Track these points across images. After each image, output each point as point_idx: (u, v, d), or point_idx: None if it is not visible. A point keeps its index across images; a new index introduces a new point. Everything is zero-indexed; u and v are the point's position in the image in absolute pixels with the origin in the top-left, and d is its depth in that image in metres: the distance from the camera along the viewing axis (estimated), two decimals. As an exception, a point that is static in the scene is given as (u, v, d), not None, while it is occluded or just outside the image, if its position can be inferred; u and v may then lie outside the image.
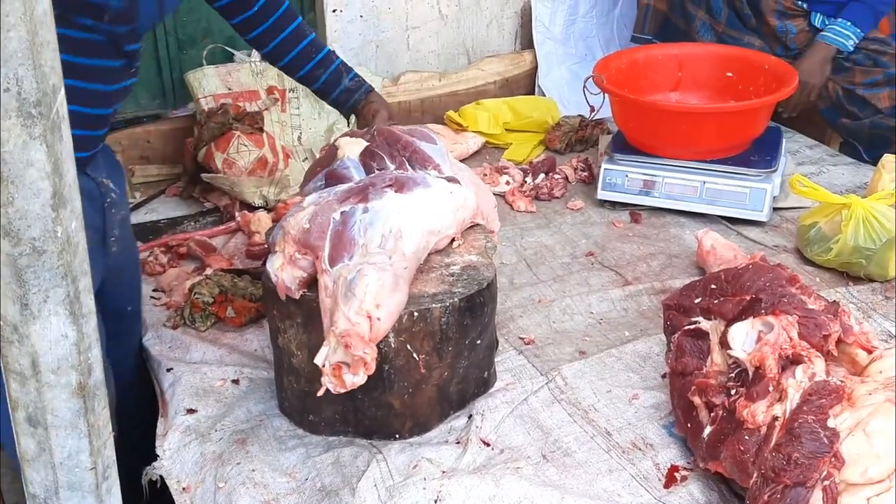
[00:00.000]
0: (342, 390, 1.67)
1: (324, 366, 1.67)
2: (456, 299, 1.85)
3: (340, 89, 2.40)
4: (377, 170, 2.05)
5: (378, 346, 1.75)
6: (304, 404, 1.94)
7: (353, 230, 1.81)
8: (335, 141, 2.17)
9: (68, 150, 1.02)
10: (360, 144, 2.12)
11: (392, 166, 2.06)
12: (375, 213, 1.83)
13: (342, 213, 1.84)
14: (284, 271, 1.83)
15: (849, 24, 3.29)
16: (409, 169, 2.06)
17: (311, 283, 1.84)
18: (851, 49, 3.29)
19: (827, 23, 3.35)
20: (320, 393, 1.69)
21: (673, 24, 3.60)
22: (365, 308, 1.70)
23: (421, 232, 1.89)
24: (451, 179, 2.03)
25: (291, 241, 1.83)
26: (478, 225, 2.11)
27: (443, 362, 1.88)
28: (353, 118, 2.49)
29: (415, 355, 1.83)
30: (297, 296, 1.82)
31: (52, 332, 1.06)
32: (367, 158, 2.09)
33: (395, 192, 1.89)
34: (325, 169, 2.09)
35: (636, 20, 3.70)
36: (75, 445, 1.14)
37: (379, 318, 1.72)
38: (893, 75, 3.20)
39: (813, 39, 3.34)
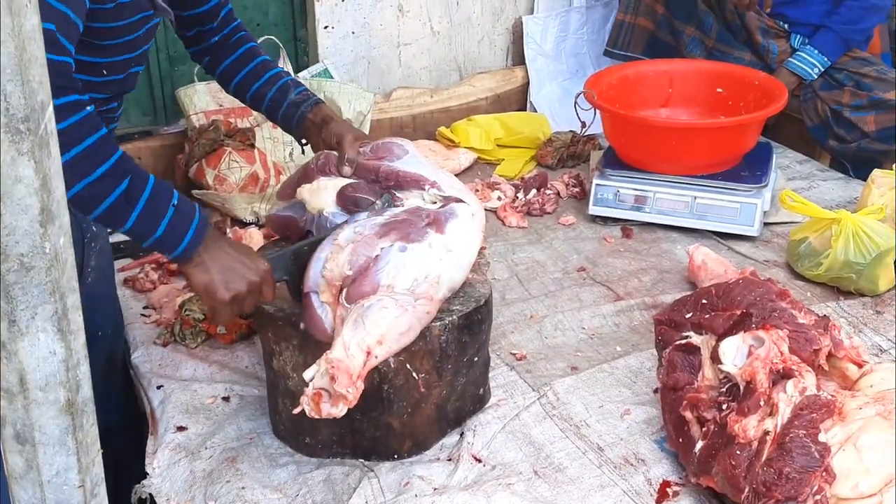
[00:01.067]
0: (316, 416, 1.62)
1: (308, 385, 1.63)
2: (455, 317, 1.84)
3: (287, 104, 2.15)
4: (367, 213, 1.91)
5: (377, 366, 1.73)
6: (300, 427, 1.92)
7: (381, 272, 1.73)
8: (298, 190, 1.99)
9: (56, 166, 1.01)
10: (329, 192, 1.94)
11: (379, 203, 1.94)
12: (414, 257, 1.76)
13: (381, 249, 1.75)
14: (337, 328, 1.74)
15: (815, 52, 3.33)
16: (399, 196, 1.95)
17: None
18: (815, 77, 3.32)
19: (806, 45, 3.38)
20: (296, 411, 1.64)
21: (660, 41, 3.62)
22: (367, 342, 1.66)
23: (460, 275, 1.85)
24: (454, 199, 1.95)
25: (336, 290, 1.75)
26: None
27: (442, 381, 1.87)
28: (305, 147, 2.22)
29: (414, 374, 1.82)
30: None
31: (40, 348, 1.05)
32: (350, 204, 1.93)
33: (436, 231, 1.81)
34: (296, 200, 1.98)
35: (610, 34, 3.73)
36: (63, 463, 1.13)
37: (376, 356, 1.68)
38: (878, 100, 3.21)
39: None
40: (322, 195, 1.95)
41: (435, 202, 1.95)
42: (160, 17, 1.91)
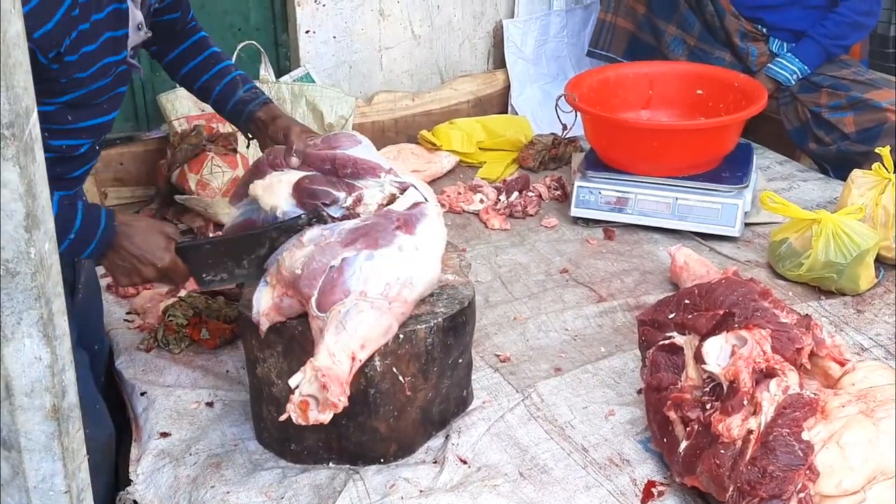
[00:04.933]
0: (303, 423, 1.62)
1: (293, 392, 1.62)
2: (440, 319, 1.84)
3: (234, 101, 2.13)
4: (325, 206, 1.88)
5: (363, 369, 1.73)
6: (286, 434, 1.91)
7: (349, 280, 1.71)
8: (251, 188, 1.96)
9: (41, 172, 1.01)
10: (283, 186, 1.91)
11: (341, 194, 1.90)
12: (384, 262, 1.74)
13: (342, 259, 1.73)
14: (269, 315, 1.78)
15: (796, 59, 3.35)
16: (358, 189, 1.91)
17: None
18: (793, 83, 3.35)
19: (785, 49, 3.41)
20: (282, 418, 1.64)
21: (641, 42, 3.64)
22: (350, 347, 1.66)
23: (432, 274, 1.85)
24: (409, 186, 1.95)
25: (282, 281, 1.76)
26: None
27: (427, 383, 1.88)
28: (252, 143, 2.23)
29: (400, 378, 1.81)
30: (262, 334, 1.80)
31: (26, 354, 1.05)
32: (306, 197, 1.89)
33: (405, 233, 1.80)
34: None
35: (593, 34, 3.74)
36: (49, 469, 1.13)
37: (360, 360, 1.68)
38: (857, 99, 3.23)
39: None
40: (276, 191, 1.92)
41: (394, 191, 1.93)
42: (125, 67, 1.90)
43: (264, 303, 1.78)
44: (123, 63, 1.86)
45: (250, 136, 2.18)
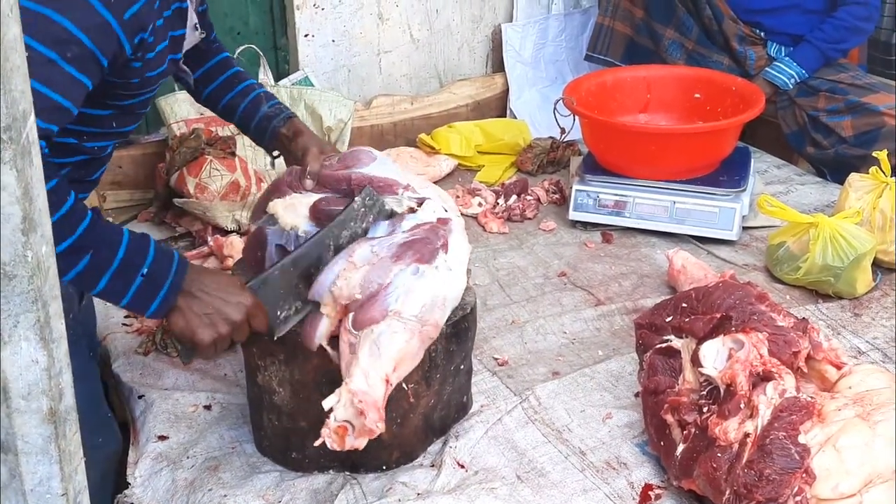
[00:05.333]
0: (339, 449, 1.58)
1: (328, 416, 1.58)
2: (443, 326, 1.84)
3: (259, 117, 2.12)
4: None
5: None
6: (287, 442, 1.90)
7: (389, 297, 1.68)
8: (269, 207, 1.91)
9: (38, 175, 1.01)
10: (303, 207, 1.89)
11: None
12: (426, 280, 1.72)
13: (394, 274, 1.70)
14: (326, 338, 1.72)
15: (794, 63, 3.36)
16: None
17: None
18: (791, 87, 3.36)
19: (783, 53, 3.41)
20: (317, 443, 1.59)
21: (639, 46, 3.64)
22: (385, 370, 1.62)
23: (459, 293, 1.83)
24: (421, 200, 1.93)
25: (342, 310, 1.70)
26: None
27: (430, 390, 1.87)
28: (275, 160, 2.22)
29: (404, 385, 1.79)
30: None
31: (23, 357, 1.05)
32: (325, 219, 1.85)
33: (444, 252, 1.78)
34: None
35: (591, 38, 3.75)
36: (46, 472, 1.12)
37: (391, 384, 1.65)
38: (854, 103, 3.24)
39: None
40: (295, 211, 1.89)
41: (412, 207, 1.91)
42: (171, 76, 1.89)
43: (323, 330, 1.71)
44: (176, 68, 1.85)
45: (275, 153, 2.16)
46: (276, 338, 1.75)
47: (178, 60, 1.86)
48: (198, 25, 1.88)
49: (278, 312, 1.73)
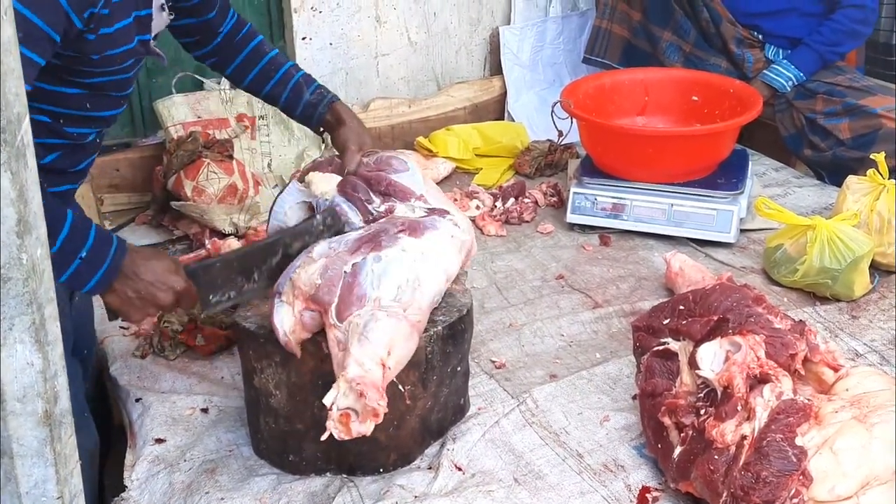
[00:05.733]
0: (346, 437, 1.60)
1: (331, 408, 1.59)
2: (439, 327, 1.84)
3: (303, 105, 2.18)
4: (364, 202, 1.96)
5: None
6: (284, 445, 1.90)
7: (364, 282, 1.73)
8: (308, 175, 2.05)
9: (33, 177, 1.01)
10: (334, 179, 2.02)
11: (377, 200, 1.97)
12: (389, 262, 1.75)
13: (353, 264, 1.75)
14: (295, 332, 1.75)
15: (792, 66, 3.36)
16: (392, 201, 1.97)
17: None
18: (789, 90, 3.36)
19: (781, 56, 3.42)
20: (323, 438, 1.60)
21: (637, 49, 3.65)
22: (378, 354, 1.65)
23: (437, 281, 1.83)
24: (439, 211, 1.97)
25: (301, 296, 1.75)
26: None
27: (427, 392, 1.87)
28: (327, 139, 2.30)
29: (400, 387, 1.80)
30: (298, 354, 1.77)
31: (18, 360, 1.05)
32: (351, 190, 1.98)
33: (409, 236, 1.82)
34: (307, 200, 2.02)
35: (588, 41, 3.75)
36: (42, 474, 1.12)
37: (389, 367, 1.66)
38: (852, 105, 3.24)
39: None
40: (329, 183, 2.01)
41: (422, 215, 1.95)
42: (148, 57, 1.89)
43: (287, 322, 1.75)
44: (146, 50, 1.85)
45: (322, 131, 2.24)
46: (201, 315, 2.16)
47: (149, 42, 1.86)
48: (164, 6, 1.88)
49: (211, 297, 1.84)
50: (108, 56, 1.73)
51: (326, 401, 1.59)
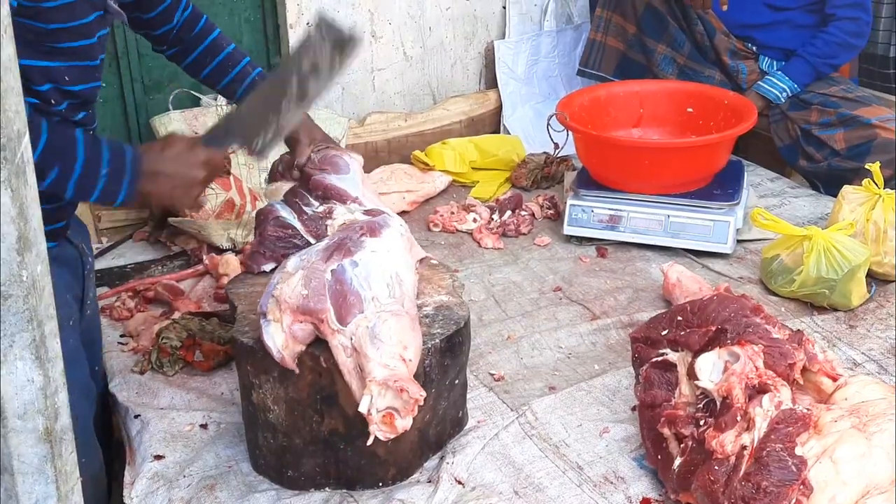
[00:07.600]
0: (391, 436, 1.64)
1: (369, 414, 1.62)
2: (437, 340, 1.84)
3: None
4: (302, 206, 2.07)
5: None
6: (282, 460, 1.90)
7: (352, 285, 1.75)
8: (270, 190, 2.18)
9: (33, 195, 1.02)
10: (281, 192, 2.16)
11: (315, 203, 2.09)
12: (367, 264, 1.79)
13: (332, 271, 1.77)
14: (288, 347, 1.75)
15: (786, 78, 3.38)
16: (331, 202, 2.08)
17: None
18: (783, 101, 3.38)
19: (775, 67, 3.44)
20: (369, 443, 1.65)
21: (631, 61, 3.66)
22: (396, 352, 1.68)
23: (410, 272, 1.88)
24: (376, 212, 2.03)
25: (289, 310, 1.75)
26: (435, 262, 2.11)
27: (425, 405, 1.86)
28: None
29: None
30: (295, 369, 1.78)
31: (18, 377, 1.05)
32: (291, 196, 2.12)
33: (371, 237, 1.85)
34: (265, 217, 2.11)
35: (583, 54, 3.76)
36: (42, 492, 1.12)
37: (410, 360, 1.70)
38: (846, 116, 3.25)
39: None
40: (278, 195, 2.15)
41: (360, 216, 2.03)
42: (111, 20, 1.91)
43: (278, 339, 1.75)
44: (107, 14, 1.87)
45: None
46: (261, 161, 2.23)
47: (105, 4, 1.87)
48: None
49: (255, 143, 1.90)
50: (63, 29, 1.75)
51: (362, 409, 1.63)
